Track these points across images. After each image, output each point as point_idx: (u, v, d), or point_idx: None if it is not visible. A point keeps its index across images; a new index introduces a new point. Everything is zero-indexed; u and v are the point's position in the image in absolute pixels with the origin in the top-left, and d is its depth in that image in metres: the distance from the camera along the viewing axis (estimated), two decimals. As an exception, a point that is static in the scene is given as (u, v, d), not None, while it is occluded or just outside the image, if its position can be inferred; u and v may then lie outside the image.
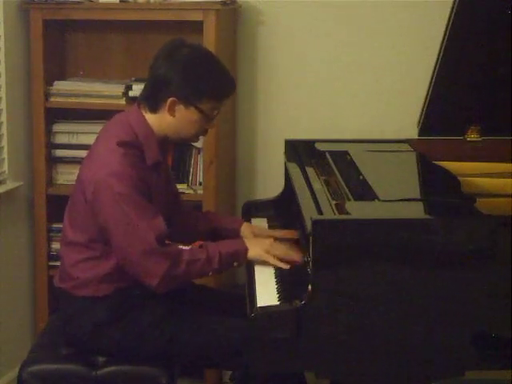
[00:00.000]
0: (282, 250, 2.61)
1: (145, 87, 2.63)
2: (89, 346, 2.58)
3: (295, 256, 2.58)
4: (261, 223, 3.08)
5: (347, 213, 2.35)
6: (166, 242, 2.52)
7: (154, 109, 2.57)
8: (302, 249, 2.58)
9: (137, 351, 2.55)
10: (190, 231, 2.91)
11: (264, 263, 2.61)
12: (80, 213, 2.55)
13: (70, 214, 2.62)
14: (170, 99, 2.53)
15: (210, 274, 2.59)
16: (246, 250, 2.59)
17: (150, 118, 2.58)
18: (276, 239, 2.68)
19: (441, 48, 2.97)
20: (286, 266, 2.57)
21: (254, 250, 2.60)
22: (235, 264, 2.61)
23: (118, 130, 2.58)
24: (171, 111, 2.55)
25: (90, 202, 2.50)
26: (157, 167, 2.61)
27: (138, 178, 2.48)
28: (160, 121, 2.57)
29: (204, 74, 2.55)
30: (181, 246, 2.59)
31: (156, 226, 2.47)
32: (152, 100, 2.57)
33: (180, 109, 2.54)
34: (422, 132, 3.15)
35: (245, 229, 2.89)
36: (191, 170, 3.50)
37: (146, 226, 2.45)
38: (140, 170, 2.51)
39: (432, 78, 3.03)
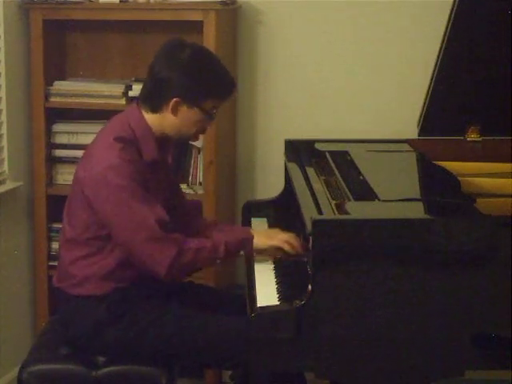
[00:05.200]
0: (287, 236, 2.65)
1: (144, 87, 2.63)
2: (89, 346, 2.57)
3: (298, 245, 2.62)
4: (261, 223, 3.08)
5: (347, 213, 2.35)
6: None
7: (155, 109, 2.58)
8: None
9: (137, 351, 2.55)
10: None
11: (264, 263, 2.64)
12: (78, 210, 2.56)
13: (68, 212, 2.63)
14: (174, 100, 2.54)
15: (218, 262, 2.63)
16: (252, 238, 2.63)
17: (150, 117, 2.59)
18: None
19: (441, 48, 2.97)
20: (292, 252, 2.60)
21: (260, 238, 2.64)
22: (241, 252, 2.66)
23: (115, 127, 2.60)
24: (174, 111, 2.55)
25: (89, 198, 2.50)
26: (155, 165, 2.61)
27: (136, 171, 2.49)
28: (161, 120, 2.58)
29: (208, 75, 2.56)
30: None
31: (156, 211, 2.48)
32: (154, 100, 2.57)
33: (183, 109, 2.55)
34: (421, 132, 3.15)
35: None
36: (191, 170, 3.50)
37: (146, 210, 2.46)
38: (138, 164, 2.52)
39: (432, 78, 3.03)
